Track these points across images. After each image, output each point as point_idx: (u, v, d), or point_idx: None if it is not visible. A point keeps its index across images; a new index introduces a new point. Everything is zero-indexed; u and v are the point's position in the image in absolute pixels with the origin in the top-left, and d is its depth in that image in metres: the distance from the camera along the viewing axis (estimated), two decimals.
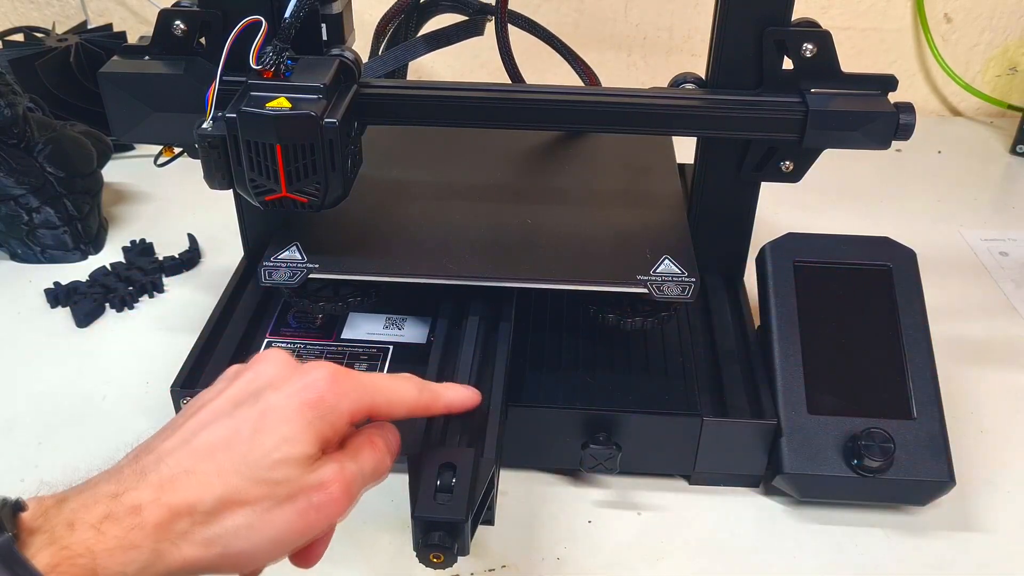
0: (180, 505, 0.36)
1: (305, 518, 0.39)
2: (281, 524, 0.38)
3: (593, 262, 0.59)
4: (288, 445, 0.39)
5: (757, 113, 0.58)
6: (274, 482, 0.38)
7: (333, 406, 0.40)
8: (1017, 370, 0.72)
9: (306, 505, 0.39)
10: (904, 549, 0.57)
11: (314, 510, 0.39)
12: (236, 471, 0.38)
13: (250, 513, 0.38)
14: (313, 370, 0.41)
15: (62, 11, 1.15)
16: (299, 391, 0.40)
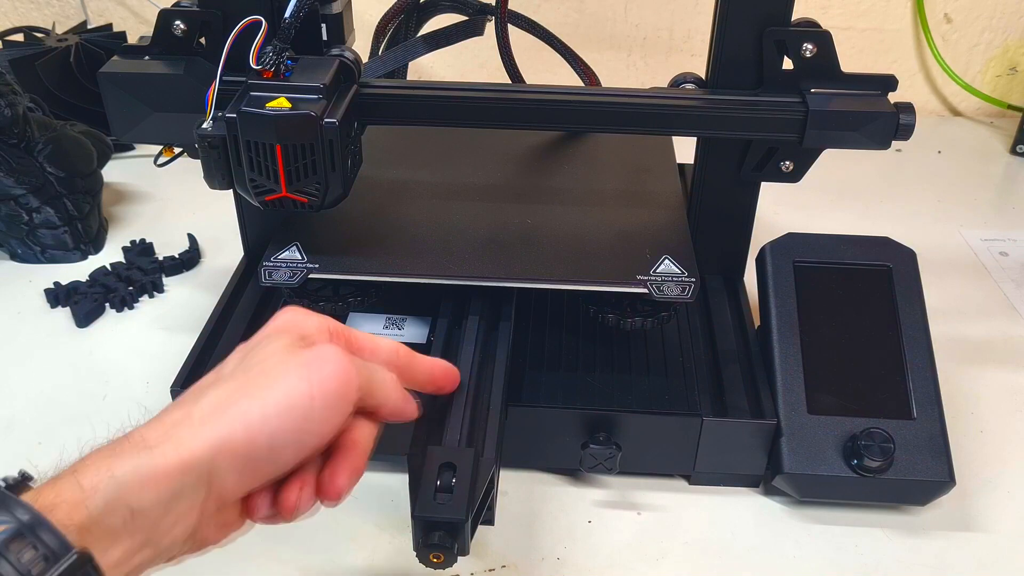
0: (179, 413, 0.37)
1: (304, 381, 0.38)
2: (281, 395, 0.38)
3: (593, 262, 0.59)
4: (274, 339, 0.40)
5: (757, 113, 0.58)
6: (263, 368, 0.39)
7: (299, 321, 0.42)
8: (1017, 370, 0.72)
9: (302, 367, 0.39)
10: (904, 549, 0.57)
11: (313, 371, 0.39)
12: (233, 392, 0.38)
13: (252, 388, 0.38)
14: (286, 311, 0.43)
15: (62, 11, 1.15)
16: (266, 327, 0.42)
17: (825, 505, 0.59)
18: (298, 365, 0.39)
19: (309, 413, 0.38)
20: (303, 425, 0.38)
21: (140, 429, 0.37)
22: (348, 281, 0.60)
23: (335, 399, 0.39)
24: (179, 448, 0.36)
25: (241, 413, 0.37)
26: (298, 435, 0.38)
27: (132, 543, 0.35)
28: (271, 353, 0.39)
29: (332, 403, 0.39)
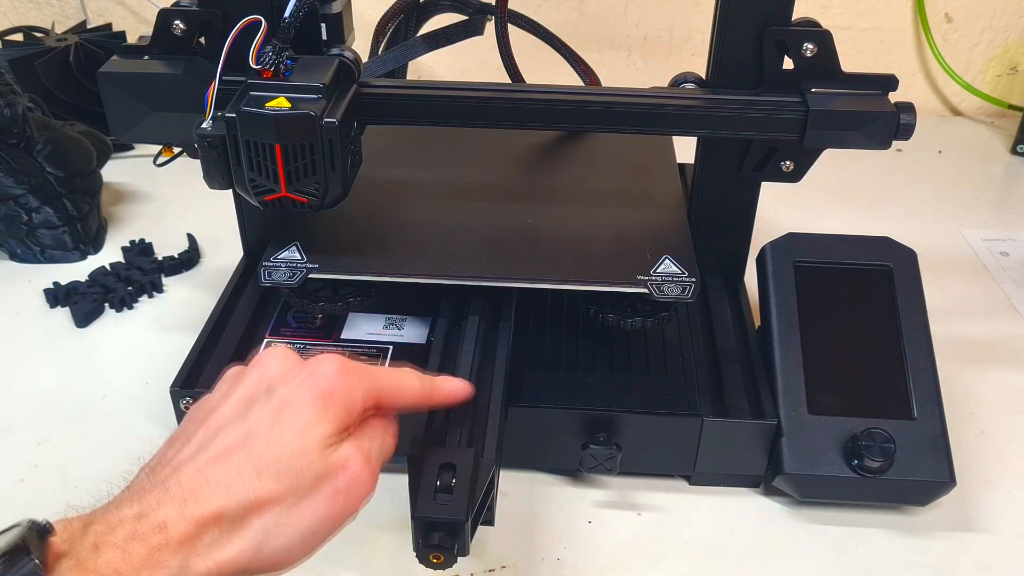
0: (206, 516, 0.36)
1: (334, 503, 0.39)
2: (311, 515, 0.38)
3: (593, 262, 0.59)
4: (305, 434, 0.38)
5: (757, 113, 0.58)
6: (296, 472, 0.38)
7: (345, 396, 0.40)
8: (1017, 370, 0.72)
9: (333, 490, 0.38)
10: (904, 549, 0.57)
11: (342, 494, 0.39)
12: (257, 471, 0.37)
13: (278, 511, 0.37)
14: (321, 363, 0.41)
15: (61, 11, 1.15)
16: (310, 383, 0.40)
17: (825, 505, 0.59)
18: (332, 484, 0.39)
19: (328, 534, 0.39)
20: (317, 543, 0.39)
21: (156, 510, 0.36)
22: (348, 281, 0.60)
23: (353, 515, 0.40)
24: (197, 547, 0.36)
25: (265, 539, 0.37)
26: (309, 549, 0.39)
27: None
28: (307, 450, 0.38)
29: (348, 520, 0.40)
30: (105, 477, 0.60)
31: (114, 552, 0.34)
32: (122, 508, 0.36)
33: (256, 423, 0.39)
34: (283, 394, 0.40)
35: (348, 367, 0.41)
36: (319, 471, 0.38)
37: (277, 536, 0.37)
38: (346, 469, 0.39)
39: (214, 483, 0.37)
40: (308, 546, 0.39)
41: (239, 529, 0.37)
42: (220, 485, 0.37)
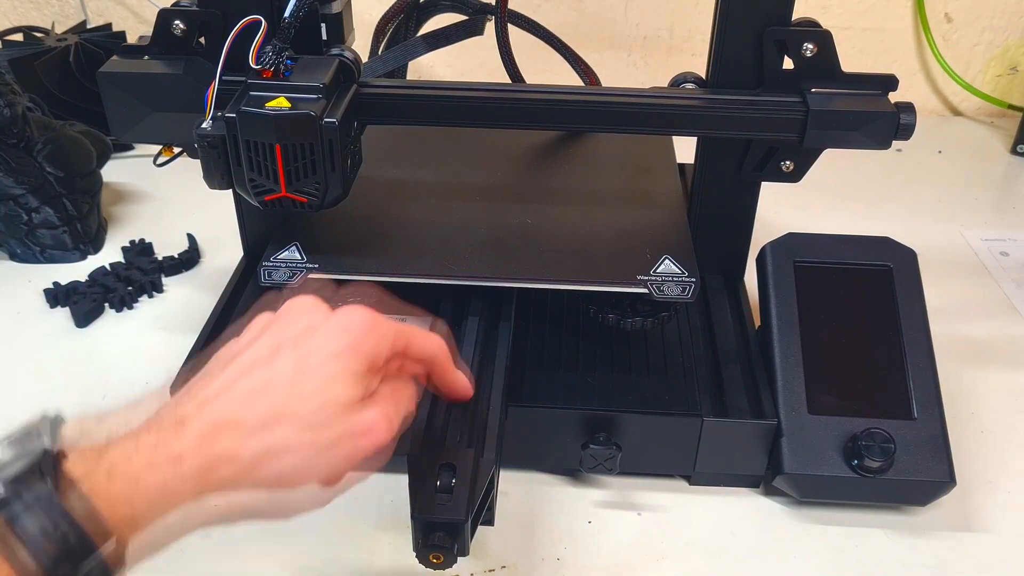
0: (222, 454, 0.36)
1: (350, 462, 0.39)
2: (327, 469, 0.38)
3: (593, 262, 0.59)
4: (330, 388, 0.38)
5: (757, 113, 0.58)
6: (318, 426, 0.37)
7: (371, 349, 0.40)
8: (1017, 370, 0.72)
9: (352, 450, 0.38)
10: (904, 549, 0.57)
11: (360, 454, 0.39)
12: (277, 417, 0.37)
13: (295, 460, 0.37)
14: (349, 314, 0.41)
15: (61, 11, 1.15)
16: (337, 335, 0.39)
17: (825, 505, 0.59)
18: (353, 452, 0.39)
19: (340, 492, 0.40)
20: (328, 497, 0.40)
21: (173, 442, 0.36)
22: (348, 281, 0.60)
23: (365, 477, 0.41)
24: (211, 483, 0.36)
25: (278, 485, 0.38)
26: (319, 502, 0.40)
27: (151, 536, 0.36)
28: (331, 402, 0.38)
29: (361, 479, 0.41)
30: None
31: (127, 481, 0.34)
32: (140, 437, 0.36)
33: (280, 371, 0.38)
34: (310, 345, 0.39)
35: (376, 319, 0.41)
36: (341, 430, 0.38)
37: (291, 483, 0.38)
38: (369, 435, 0.39)
39: (234, 423, 0.37)
40: (318, 499, 0.39)
41: (254, 471, 0.37)
42: (239, 426, 0.37)
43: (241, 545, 0.56)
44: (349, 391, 0.39)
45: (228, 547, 0.56)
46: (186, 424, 0.37)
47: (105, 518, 0.33)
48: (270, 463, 0.37)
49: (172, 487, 0.35)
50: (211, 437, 0.36)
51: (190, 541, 0.56)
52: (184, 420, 0.37)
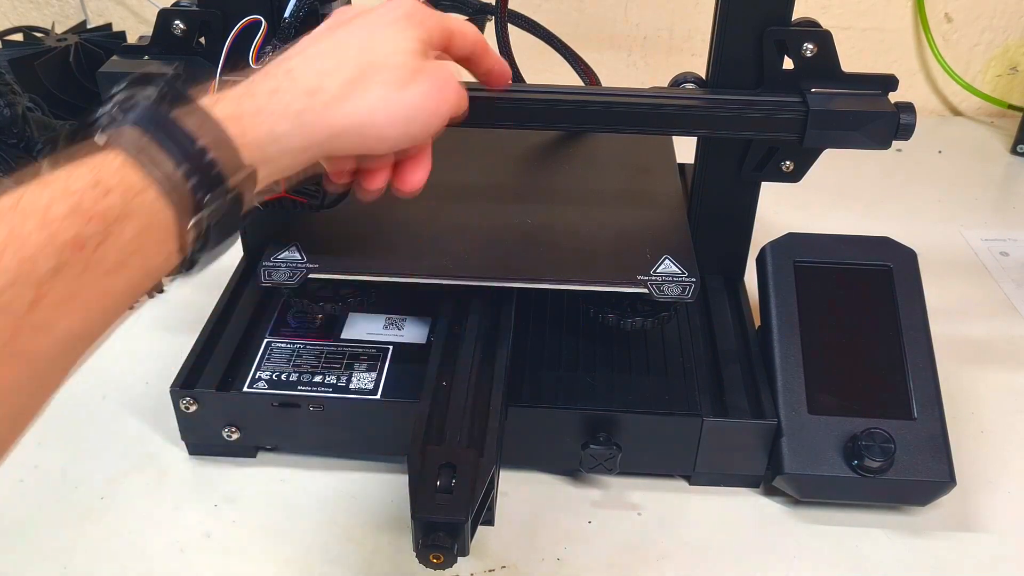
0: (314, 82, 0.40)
1: (430, 97, 0.43)
2: (411, 99, 0.43)
3: (593, 262, 0.59)
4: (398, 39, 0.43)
5: (757, 113, 0.58)
6: (396, 66, 0.42)
7: (424, 18, 0.45)
8: (1017, 370, 0.72)
9: (430, 84, 0.43)
10: (904, 549, 0.57)
11: (439, 89, 0.44)
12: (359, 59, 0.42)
13: (382, 88, 0.42)
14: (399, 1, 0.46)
15: (61, 11, 1.15)
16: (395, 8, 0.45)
17: (825, 505, 0.59)
18: (429, 80, 0.44)
19: (424, 123, 0.44)
20: (414, 131, 0.44)
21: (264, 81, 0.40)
22: (348, 281, 0.60)
23: (444, 119, 0.45)
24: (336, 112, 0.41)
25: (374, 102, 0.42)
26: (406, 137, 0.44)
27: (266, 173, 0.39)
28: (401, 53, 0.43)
29: (442, 121, 0.45)
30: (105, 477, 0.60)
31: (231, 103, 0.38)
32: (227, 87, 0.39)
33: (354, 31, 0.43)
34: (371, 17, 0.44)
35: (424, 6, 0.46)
36: (416, 67, 0.43)
37: (382, 109, 0.42)
38: (440, 72, 0.44)
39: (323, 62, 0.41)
40: (404, 129, 0.43)
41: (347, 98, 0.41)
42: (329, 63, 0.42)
43: (242, 545, 0.56)
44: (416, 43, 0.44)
45: (228, 547, 0.56)
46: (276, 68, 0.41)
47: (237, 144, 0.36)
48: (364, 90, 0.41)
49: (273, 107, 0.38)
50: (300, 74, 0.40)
51: (190, 541, 0.57)
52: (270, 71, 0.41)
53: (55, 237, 0.29)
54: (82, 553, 0.55)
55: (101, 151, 0.32)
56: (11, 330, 0.28)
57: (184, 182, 0.33)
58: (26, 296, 0.29)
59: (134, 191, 0.32)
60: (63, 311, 0.30)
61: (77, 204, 0.30)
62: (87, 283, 0.30)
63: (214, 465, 0.62)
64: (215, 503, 0.59)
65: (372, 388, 0.59)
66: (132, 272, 0.32)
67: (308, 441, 0.61)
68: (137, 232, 0.32)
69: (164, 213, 0.33)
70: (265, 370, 0.60)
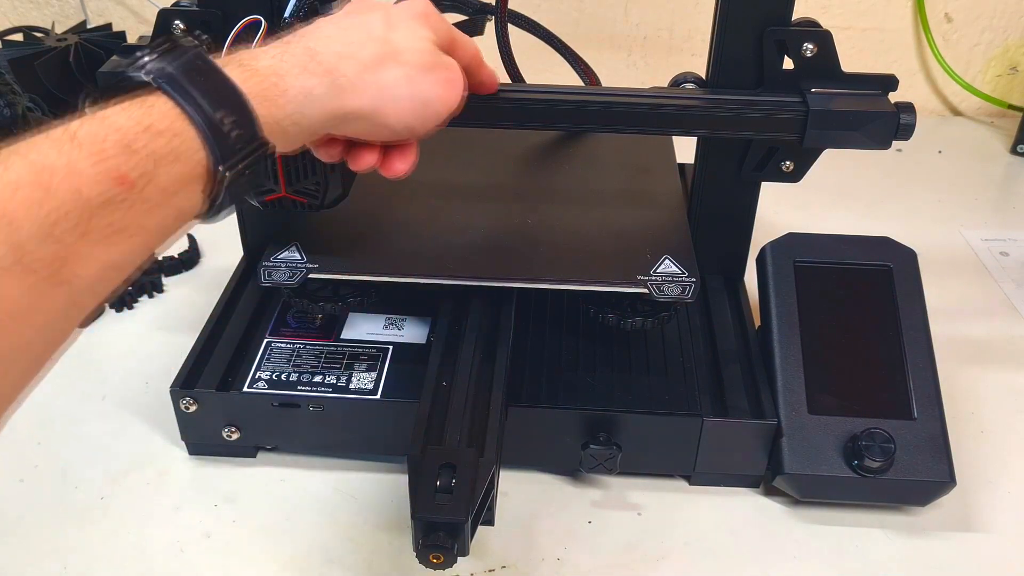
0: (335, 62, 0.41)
1: (444, 87, 0.46)
2: (427, 87, 0.45)
3: (593, 262, 0.59)
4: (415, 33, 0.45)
5: (757, 113, 0.58)
6: (414, 52, 0.44)
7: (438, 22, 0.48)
8: (1017, 370, 0.72)
9: (445, 77, 0.46)
10: (904, 549, 0.57)
11: (450, 83, 0.46)
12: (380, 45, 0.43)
13: (403, 69, 0.44)
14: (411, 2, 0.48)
15: (61, 11, 1.15)
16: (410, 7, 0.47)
17: (825, 505, 0.59)
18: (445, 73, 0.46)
19: (435, 112, 0.46)
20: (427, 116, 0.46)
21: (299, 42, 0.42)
22: (348, 281, 0.60)
23: (452, 111, 0.47)
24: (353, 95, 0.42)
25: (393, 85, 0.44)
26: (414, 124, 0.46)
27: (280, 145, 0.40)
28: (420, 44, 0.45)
29: (449, 113, 0.47)
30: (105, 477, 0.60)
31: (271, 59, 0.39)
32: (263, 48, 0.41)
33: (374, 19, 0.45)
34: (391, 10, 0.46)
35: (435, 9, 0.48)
36: (432, 60, 0.45)
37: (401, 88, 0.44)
38: (454, 69, 0.47)
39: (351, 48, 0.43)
40: (418, 114, 0.45)
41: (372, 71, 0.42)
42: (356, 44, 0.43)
43: (243, 545, 0.56)
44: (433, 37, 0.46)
45: (229, 547, 0.56)
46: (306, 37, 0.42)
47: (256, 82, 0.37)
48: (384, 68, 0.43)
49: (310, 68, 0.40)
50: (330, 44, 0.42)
51: (190, 541, 0.57)
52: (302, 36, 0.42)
53: (107, 171, 0.31)
54: (82, 553, 0.55)
55: (148, 95, 0.34)
56: (61, 258, 0.30)
57: (225, 130, 0.35)
58: (76, 226, 0.30)
59: (179, 135, 0.34)
60: (106, 243, 0.31)
61: (129, 142, 0.32)
62: (130, 218, 0.32)
63: (214, 465, 0.62)
64: (215, 503, 0.59)
65: (372, 388, 0.59)
66: (167, 212, 0.34)
67: (308, 441, 0.61)
68: (177, 175, 0.33)
69: (201, 156, 0.34)
70: (265, 370, 0.60)
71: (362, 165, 0.48)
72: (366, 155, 0.48)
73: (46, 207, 0.29)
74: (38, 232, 0.29)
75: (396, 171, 0.49)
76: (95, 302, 0.33)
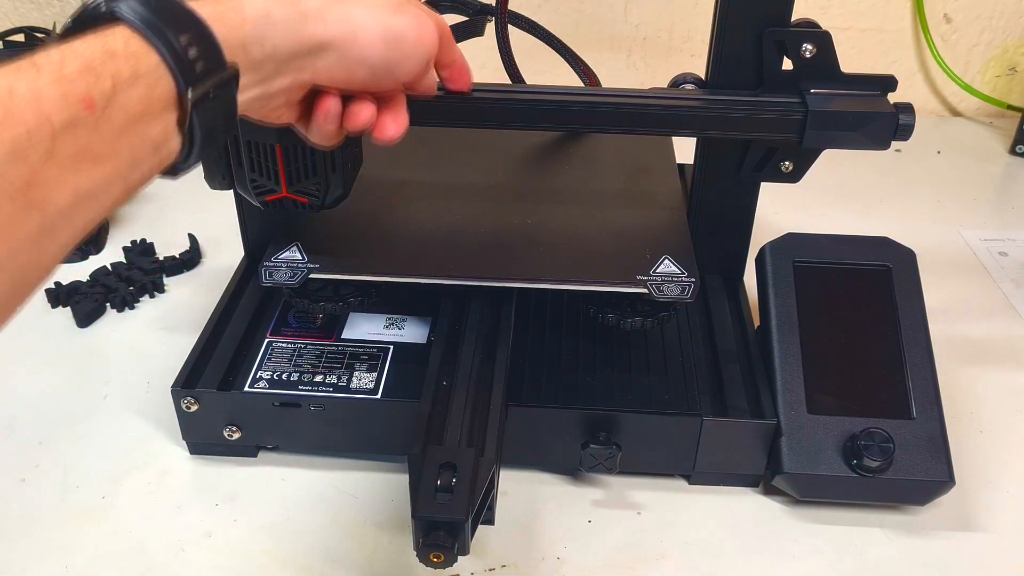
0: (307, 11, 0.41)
1: (414, 27, 0.45)
2: (397, 23, 0.44)
3: (593, 262, 0.60)
4: None
5: (757, 113, 0.58)
6: None
7: None
8: (1017, 370, 0.72)
9: (415, 17, 0.45)
10: (904, 549, 0.57)
11: (421, 23, 0.46)
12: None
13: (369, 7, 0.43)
14: None
15: (62, 11, 1.15)
16: None
17: (825, 505, 0.59)
18: (413, 15, 0.46)
19: (404, 54, 0.46)
20: (395, 58, 0.45)
21: None
22: (348, 281, 0.60)
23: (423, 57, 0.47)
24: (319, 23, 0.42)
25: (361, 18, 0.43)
26: (391, 59, 0.45)
27: (253, 80, 0.40)
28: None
29: (421, 58, 0.47)
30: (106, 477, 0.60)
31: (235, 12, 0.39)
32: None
33: None
34: None
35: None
36: (399, 3, 0.45)
37: (367, 27, 0.43)
38: (422, 11, 0.47)
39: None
40: (385, 52, 0.44)
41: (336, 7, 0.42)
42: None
43: (243, 545, 0.56)
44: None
45: (229, 547, 0.56)
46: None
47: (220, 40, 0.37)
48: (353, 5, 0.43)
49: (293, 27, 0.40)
50: None
51: (191, 540, 0.57)
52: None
53: (69, 93, 0.31)
54: (83, 552, 0.55)
55: (107, 25, 0.34)
56: (27, 179, 0.30)
57: (186, 51, 0.35)
58: (42, 147, 0.30)
59: (139, 58, 0.34)
60: (74, 167, 0.32)
61: (88, 64, 0.32)
62: (96, 141, 0.32)
63: (215, 464, 0.62)
64: (216, 502, 0.59)
65: (373, 388, 0.59)
66: (135, 139, 0.34)
67: (309, 441, 0.61)
68: (141, 97, 0.34)
69: (166, 80, 0.35)
70: (266, 370, 0.60)
71: (358, 121, 0.48)
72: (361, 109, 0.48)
73: (11, 129, 0.30)
74: (3, 153, 0.29)
75: (388, 133, 0.49)
76: (70, 233, 0.33)
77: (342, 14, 0.43)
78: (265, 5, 0.40)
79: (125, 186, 0.35)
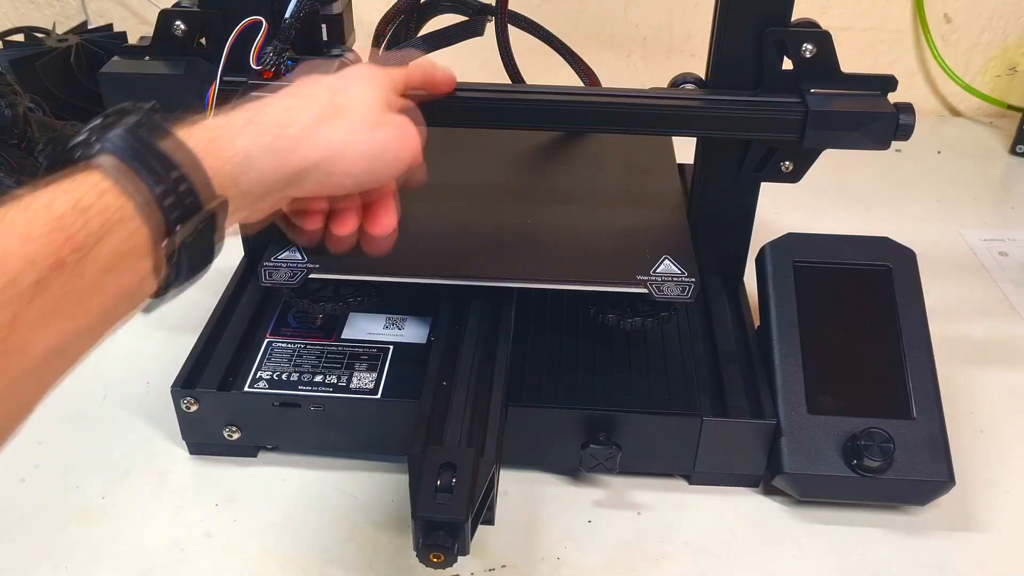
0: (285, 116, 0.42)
1: (395, 140, 0.46)
2: (378, 138, 0.45)
3: (593, 262, 0.60)
4: (366, 93, 0.46)
5: (757, 113, 0.58)
6: (363, 110, 0.45)
7: (384, 80, 0.48)
8: (1017, 370, 0.72)
9: (396, 129, 0.47)
10: (904, 549, 0.57)
11: (402, 136, 0.47)
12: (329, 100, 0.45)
13: (350, 127, 0.44)
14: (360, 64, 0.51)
15: (62, 11, 1.15)
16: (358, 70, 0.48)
17: (825, 505, 0.59)
18: (394, 126, 0.47)
19: (387, 164, 0.46)
20: (379, 170, 0.46)
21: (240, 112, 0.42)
22: (348, 281, 0.60)
23: (405, 163, 0.47)
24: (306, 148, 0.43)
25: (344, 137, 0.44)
26: (374, 169, 0.46)
27: (239, 205, 0.41)
28: (368, 101, 0.46)
29: (403, 165, 0.47)
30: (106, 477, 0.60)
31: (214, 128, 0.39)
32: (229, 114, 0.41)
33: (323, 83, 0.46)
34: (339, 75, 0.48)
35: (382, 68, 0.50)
36: (382, 116, 0.46)
37: (351, 145, 0.44)
38: (403, 122, 0.47)
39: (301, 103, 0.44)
40: (369, 166, 0.45)
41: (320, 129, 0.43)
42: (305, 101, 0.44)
43: (243, 545, 0.56)
44: (382, 95, 0.47)
45: (229, 547, 0.56)
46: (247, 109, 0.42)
47: (210, 173, 0.37)
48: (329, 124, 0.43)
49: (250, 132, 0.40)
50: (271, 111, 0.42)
51: (191, 540, 0.57)
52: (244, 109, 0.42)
53: (37, 254, 0.30)
54: (83, 552, 0.55)
55: (81, 173, 0.33)
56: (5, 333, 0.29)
57: (160, 202, 0.34)
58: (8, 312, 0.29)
59: (112, 211, 0.33)
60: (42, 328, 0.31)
61: (58, 222, 0.31)
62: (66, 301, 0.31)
63: (215, 465, 0.62)
64: (216, 503, 0.59)
65: (372, 388, 0.59)
66: (108, 292, 0.33)
67: (309, 441, 0.61)
68: (114, 251, 0.33)
69: (140, 232, 0.34)
70: (266, 370, 0.60)
71: (345, 228, 0.49)
72: (347, 217, 0.49)
73: None
74: None
75: (383, 225, 0.50)
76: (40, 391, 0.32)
77: (326, 138, 0.43)
78: (258, 132, 0.41)
79: (97, 337, 0.34)
